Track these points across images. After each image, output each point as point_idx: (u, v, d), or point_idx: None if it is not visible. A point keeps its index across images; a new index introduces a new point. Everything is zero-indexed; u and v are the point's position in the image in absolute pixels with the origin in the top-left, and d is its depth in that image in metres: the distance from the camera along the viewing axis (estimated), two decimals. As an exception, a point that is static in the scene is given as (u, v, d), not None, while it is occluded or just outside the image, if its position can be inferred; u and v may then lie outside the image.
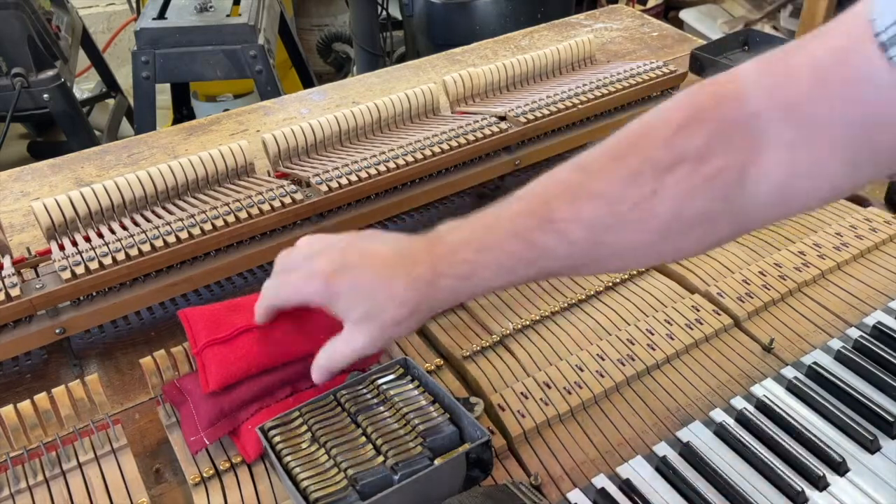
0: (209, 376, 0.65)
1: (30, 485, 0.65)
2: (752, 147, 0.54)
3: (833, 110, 0.51)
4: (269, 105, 1.26)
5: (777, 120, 0.53)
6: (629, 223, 0.55)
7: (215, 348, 0.66)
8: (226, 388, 0.66)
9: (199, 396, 0.67)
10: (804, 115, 0.52)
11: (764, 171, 0.54)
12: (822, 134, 0.51)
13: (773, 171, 0.53)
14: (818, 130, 0.52)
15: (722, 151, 0.54)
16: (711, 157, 0.54)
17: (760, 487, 0.64)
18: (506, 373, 0.75)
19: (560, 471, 0.67)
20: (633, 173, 0.55)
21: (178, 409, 0.68)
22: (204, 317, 0.68)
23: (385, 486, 0.57)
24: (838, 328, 0.80)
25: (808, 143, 0.52)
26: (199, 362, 0.66)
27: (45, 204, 0.80)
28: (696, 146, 0.54)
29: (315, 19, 3.34)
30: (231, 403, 0.66)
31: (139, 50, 1.89)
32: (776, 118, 0.53)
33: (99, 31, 3.26)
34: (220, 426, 0.66)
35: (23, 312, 0.74)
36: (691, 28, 3.17)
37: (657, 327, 0.79)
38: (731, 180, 0.54)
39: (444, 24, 2.16)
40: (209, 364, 0.66)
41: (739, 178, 0.54)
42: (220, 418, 0.65)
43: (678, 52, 1.38)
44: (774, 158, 0.53)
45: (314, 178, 0.88)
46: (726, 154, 0.54)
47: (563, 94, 1.04)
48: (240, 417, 0.66)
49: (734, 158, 0.54)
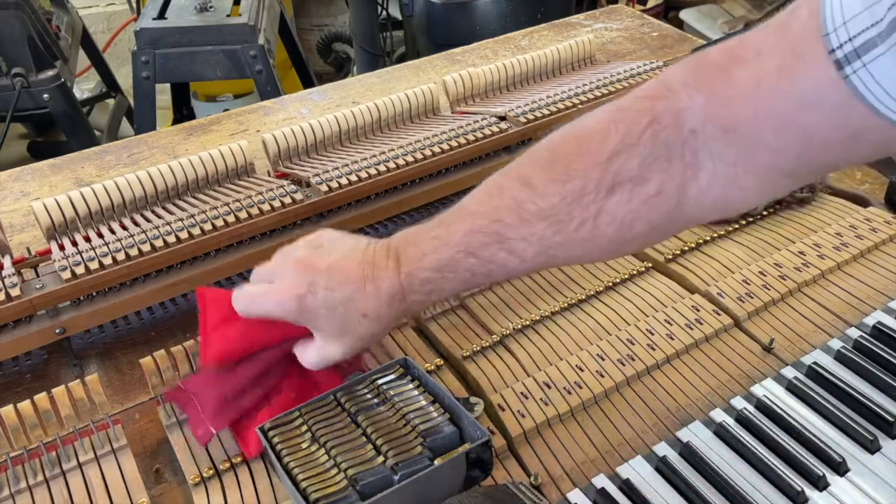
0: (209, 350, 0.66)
1: (30, 485, 0.65)
2: (689, 165, 0.54)
3: (777, 133, 0.50)
4: (269, 105, 1.26)
5: (716, 139, 0.53)
6: (578, 241, 0.57)
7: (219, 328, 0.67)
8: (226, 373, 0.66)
9: (201, 389, 0.67)
10: (746, 135, 0.52)
11: (704, 186, 0.55)
12: (764, 153, 0.52)
13: (713, 185, 0.55)
14: (760, 151, 0.52)
15: (659, 172, 0.54)
16: (649, 178, 0.55)
17: (760, 487, 0.64)
18: (506, 373, 0.75)
19: (560, 471, 0.67)
20: (576, 195, 0.56)
21: (184, 409, 0.68)
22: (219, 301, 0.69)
23: (385, 486, 0.57)
24: (838, 328, 0.80)
25: (749, 160, 0.53)
26: (203, 341, 0.67)
27: (45, 204, 0.80)
28: (632, 170, 0.55)
29: (315, 19, 3.34)
30: (232, 388, 0.66)
31: (139, 50, 1.89)
32: (716, 137, 0.53)
33: (99, 31, 3.26)
34: (225, 413, 0.66)
35: (23, 312, 0.74)
36: (691, 28, 3.16)
37: (657, 327, 0.79)
38: (670, 198, 0.55)
39: (444, 24, 2.16)
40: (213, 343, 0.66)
41: (679, 195, 0.55)
42: (224, 405, 0.66)
43: (678, 52, 1.38)
44: (713, 174, 0.54)
45: (314, 178, 0.88)
46: (664, 174, 0.55)
47: (563, 94, 1.04)
48: (243, 404, 0.66)
49: (672, 179, 0.55)
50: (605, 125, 0.56)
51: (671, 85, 0.55)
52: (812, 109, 0.48)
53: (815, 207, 0.95)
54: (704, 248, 0.90)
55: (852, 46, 0.44)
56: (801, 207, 0.95)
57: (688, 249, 0.90)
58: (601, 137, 0.56)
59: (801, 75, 0.48)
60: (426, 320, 0.82)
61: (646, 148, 0.54)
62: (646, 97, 0.56)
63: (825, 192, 0.97)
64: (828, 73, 0.46)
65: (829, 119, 0.48)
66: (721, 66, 0.53)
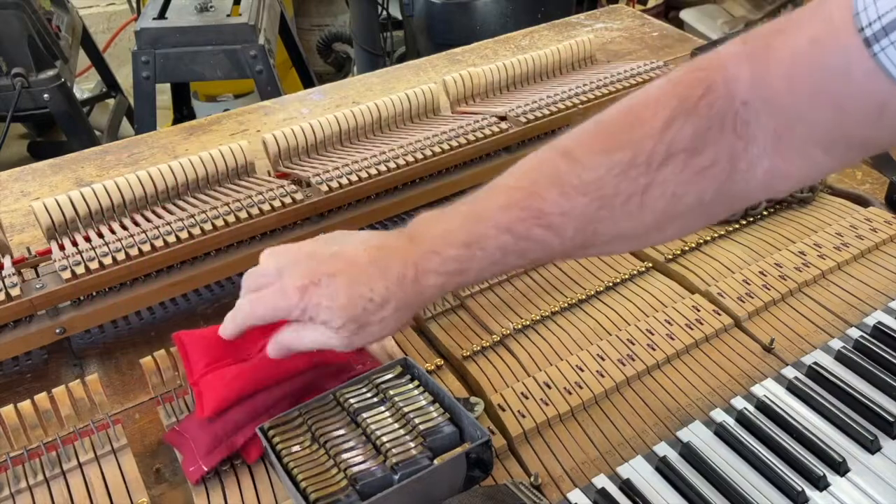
0: (205, 402, 0.65)
1: (30, 484, 0.65)
2: (741, 136, 0.54)
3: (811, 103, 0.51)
4: (269, 105, 1.26)
5: (762, 110, 0.53)
6: (623, 215, 0.55)
7: (209, 375, 0.66)
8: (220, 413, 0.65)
9: (195, 429, 0.66)
10: (783, 106, 0.52)
11: (753, 159, 0.54)
12: (800, 125, 0.52)
13: (762, 159, 0.54)
14: (796, 121, 0.52)
15: (713, 143, 0.54)
16: (703, 149, 0.54)
17: (760, 487, 0.64)
18: (506, 373, 0.75)
19: (560, 471, 0.67)
20: (624, 167, 0.54)
21: (179, 450, 0.67)
22: (201, 343, 0.67)
23: (385, 486, 0.57)
24: (838, 328, 0.80)
25: (787, 133, 0.53)
26: (196, 390, 0.66)
27: (45, 204, 0.80)
28: (686, 139, 0.53)
29: (315, 19, 3.34)
30: (225, 427, 0.65)
31: (139, 50, 1.89)
32: (761, 108, 0.53)
33: (99, 31, 3.26)
34: (217, 452, 0.65)
35: (23, 312, 0.74)
36: (691, 28, 3.16)
37: (657, 327, 0.79)
38: (722, 171, 0.54)
39: (444, 23, 2.16)
40: (205, 391, 0.65)
41: (731, 168, 0.54)
42: (216, 445, 0.65)
43: (678, 52, 1.38)
44: (763, 146, 0.54)
45: (314, 178, 0.88)
46: (717, 145, 0.54)
47: (563, 94, 1.04)
48: (236, 441, 0.65)
49: (725, 149, 0.54)
50: (658, 95, 0.55)
51: (723, 57, 0.55)
52: (842, 79, 0.48)
53: (815, 207, 0.95)
54: (705, 248, 0.90)
55: (881, 24, 0.45)
56: (802, 207, 0.95)
57: (688, 249, 0.90)
58: (655, 106, 0.55)
59: (832, 48, 0.48)
60: (426, 320, 0.82)
61: (701, 117, 0.53)
62: (699, 68, 0.56)
63: (825, 192, 0.97)
64: (858, 48, 0.46)
65: (858, 90, 0.48)
66: (765, 37, 0.54)
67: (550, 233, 0.56)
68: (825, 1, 0.50)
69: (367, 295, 0.57)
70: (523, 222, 0.56)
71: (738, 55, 0.55)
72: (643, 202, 0.54)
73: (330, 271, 0.58)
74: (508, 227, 0.56)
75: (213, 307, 0.87)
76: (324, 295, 0.58)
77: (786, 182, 0.57)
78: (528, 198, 0.56)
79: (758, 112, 0.53)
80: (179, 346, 0.68)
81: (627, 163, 0.54)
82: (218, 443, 0.64)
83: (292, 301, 0.58)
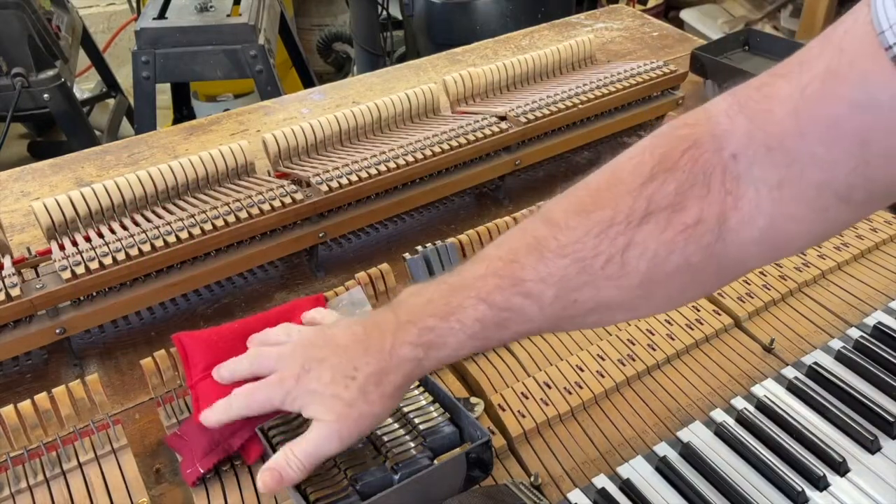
0: (201, 408, 0.65)
1: (30, 485, 0.65)
2: (730, 192, 0.50)
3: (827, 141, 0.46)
4: (269, 105, 1.26)
5: (759, 161, 0.49)
6: (604, 279, 0.52)
7: (208, 379, 0.66)
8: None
9: (193, 431, 0.66)
10: (791, 150, 0.48)
11: (746, 216, 0.50)
12: (811, 168, 0.47)
13: (756, 216, 0.50)
14: (808, 167, 0.48)
15: (698, 199, 0.50)
16: (687, 205, 0.50)
17: (760, 487, 0.64)
18: (506, 373, 0.75)
19: (560, 471, 0.67)
20: (604, 226, 0.51)
21: (179, 453, 0.67)
22: (200, 345, 0.68)
23: (385, 486, 0.57)
24: (839, 328, 0.80)
25: (796, 181, 0.48)
26: (194, 394, 0.66)
27: (45, 204, 0.80)
28: (668, 195, 0.50)
29: (315, 19, 3.34)
30: (222, 430, 0.65)
31: (139, 50, 1.89)
32: (758, 159, 0.49)
33: (99, 31, 3.26)
34: (213, 454, 0.65)
35: (23, 312, 0.74)
36: (692, 28, 3.17)
37: (657, 327, 0.79)
38: (709, 231, 0.51)
39: (444, 23, 2.16)
40: (201, 396, 0.65)
41: (719, 226, 0.51)
42: (213, 447, 0.65)
43: (678, 52, 1.38)
44: (756, 202, 0.50)
45: (314, 178, 0.87)
46: (703, 202, 0.50)
47: (563, 94, 1.04)
48: (233, 443, 0.65)
49: (712, 207, 0.50)
50: (641, 153, 0.53)
51: (711, 112, 0.53)
52: (867, 109, 0.44)
53: (815, 207, 0.95)
54: (705, 248, 0.90)
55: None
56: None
57: (688, 249, 0.89)
58: (635, 164, 0.52)
59: (852, 74, 0.44)
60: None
61: (684, 173, 0.50)
62: (685, 124, 0.53)
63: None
64: (883, 72, 0.43)
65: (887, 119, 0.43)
66: (763, 84, 0.50)
67: (529, 301, 0.53)
68: (828, 34, 0.47)
69: (346, 372, 0.56)
70: (502, 291, 0.53)
71: (729, 108, 0.52)
72: (624, 262, 0.51)
73: (318, 356, 0.58)
74: (486, 296, 0.54)
75: (213, 307, 0.87)
76: (312, 382, 0.57)
77: (789, 243, 0.52)
78: (507, 266, 0.54)
79: (751, 165, 0.50)
80: (179, 348, 0.68)
81: (607, 222, 0.51)
82: (215, 445, 0.64)
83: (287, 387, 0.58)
